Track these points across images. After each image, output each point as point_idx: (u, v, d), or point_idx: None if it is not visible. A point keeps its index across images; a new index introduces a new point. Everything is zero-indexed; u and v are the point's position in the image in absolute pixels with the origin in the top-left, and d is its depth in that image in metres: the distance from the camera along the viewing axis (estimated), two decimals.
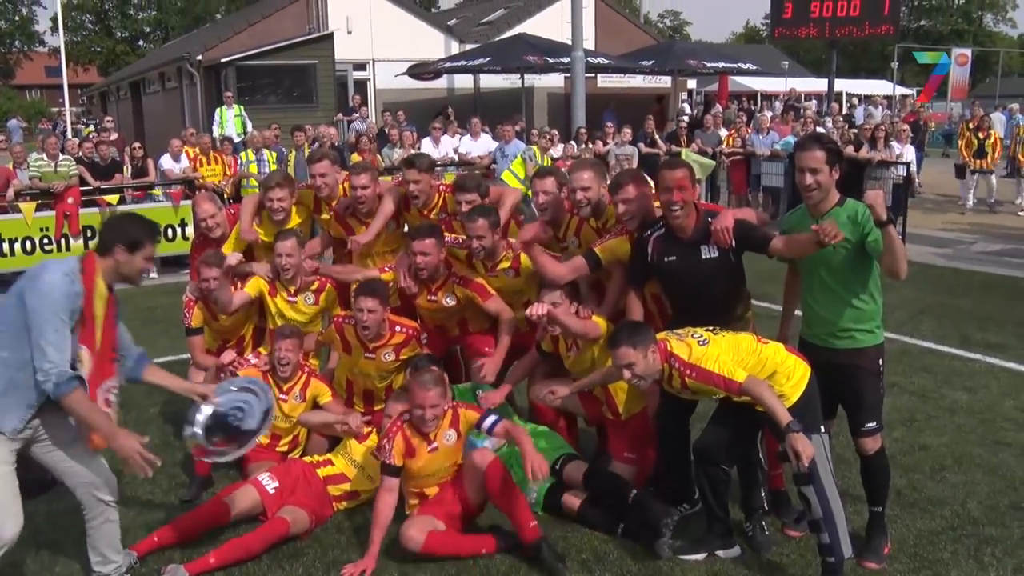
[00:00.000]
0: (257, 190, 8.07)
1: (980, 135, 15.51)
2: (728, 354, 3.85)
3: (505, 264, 4.96)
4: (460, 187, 5.19)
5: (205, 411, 4.13)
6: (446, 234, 5.11)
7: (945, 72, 19.78)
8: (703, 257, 4.17)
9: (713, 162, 13.94)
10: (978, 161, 15.51)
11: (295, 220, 5.62)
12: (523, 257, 4.89)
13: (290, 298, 5.36)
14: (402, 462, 4.23)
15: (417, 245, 4.87)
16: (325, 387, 5.05)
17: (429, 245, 4.87)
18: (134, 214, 3.82)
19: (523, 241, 4.51)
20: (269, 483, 4.48)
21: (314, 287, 5.41)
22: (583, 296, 4.75)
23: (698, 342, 3.91)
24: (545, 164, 11.29)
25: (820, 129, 14.29)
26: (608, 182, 4.64)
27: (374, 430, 4.83)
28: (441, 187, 5.49)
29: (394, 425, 4.32)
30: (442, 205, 5.39)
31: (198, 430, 4.11)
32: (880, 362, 4.00)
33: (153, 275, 10.83)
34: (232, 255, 5.28)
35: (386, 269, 5.18)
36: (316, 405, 5.02)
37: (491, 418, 4.30)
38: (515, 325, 4.99)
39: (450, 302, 5.04)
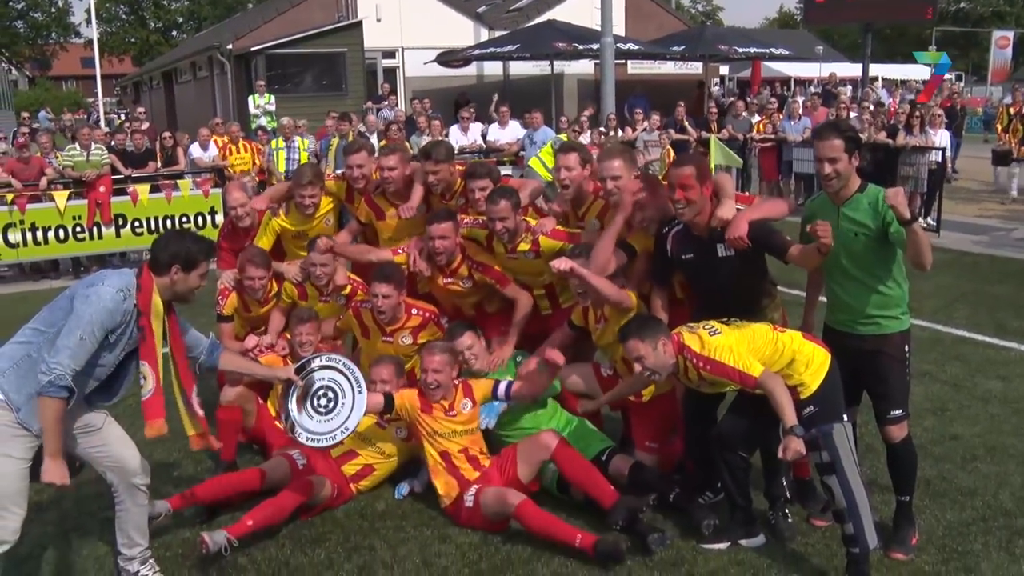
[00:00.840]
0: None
1: None
2: (743, 345, 3.80)
3: (525, 246, 4.93)
4: (471, 174, 5.18)
5: (293, 405, 4.16)
6: (466, 216, 5.12)
7: (944, 72, 19.38)
8: (719, 255, 4.10)
9: (739, 161, 13.68)
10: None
11: (324, 208, 5.70)
12: (543, 240, 4.88)
13: (322, 299, 5.46)
14: (407, 407, 4.49)
15: (435, 229, 4.91)
16: None
17: (447, 228, 4.91)
18: (187, 231, 3.82)
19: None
20: (299, 459, 4.61)
21: (346, 291, 5.45)
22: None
23: (709, 333, 3.87)
24: None
25: (854, 115, 14.06)
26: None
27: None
28: (462, 172, 5.49)
29: (414, 385, 4.67)
30: (463, 190, 5.39)
31: (297, 428, 4.17)
32: (906, 348, 3.92)
33: None
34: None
35: (399, 252, 5.16)
36: None
37: (503, 383, 4.59)
38: (531, 309, 5.00)
39: (466, 284, 5.09)
